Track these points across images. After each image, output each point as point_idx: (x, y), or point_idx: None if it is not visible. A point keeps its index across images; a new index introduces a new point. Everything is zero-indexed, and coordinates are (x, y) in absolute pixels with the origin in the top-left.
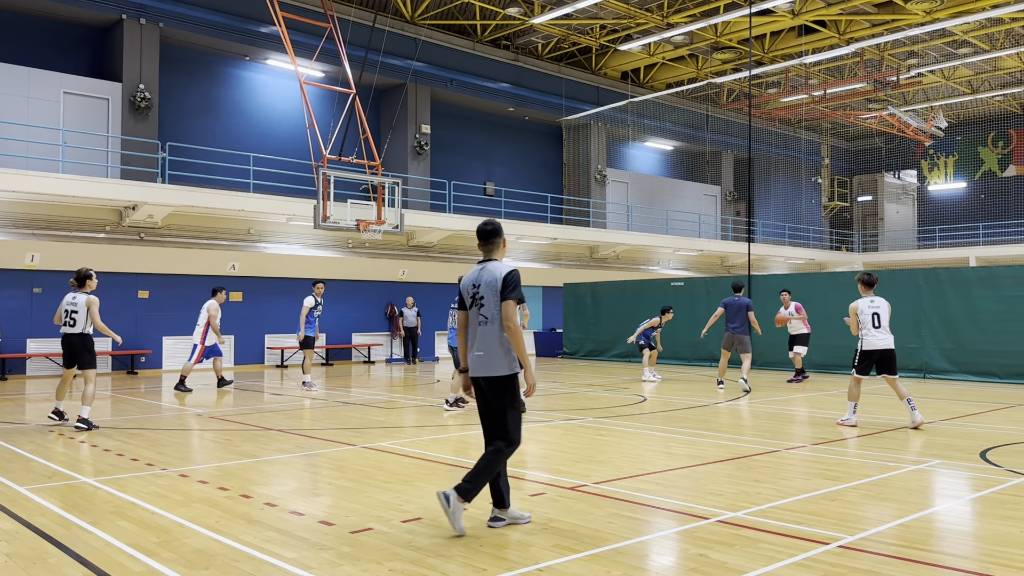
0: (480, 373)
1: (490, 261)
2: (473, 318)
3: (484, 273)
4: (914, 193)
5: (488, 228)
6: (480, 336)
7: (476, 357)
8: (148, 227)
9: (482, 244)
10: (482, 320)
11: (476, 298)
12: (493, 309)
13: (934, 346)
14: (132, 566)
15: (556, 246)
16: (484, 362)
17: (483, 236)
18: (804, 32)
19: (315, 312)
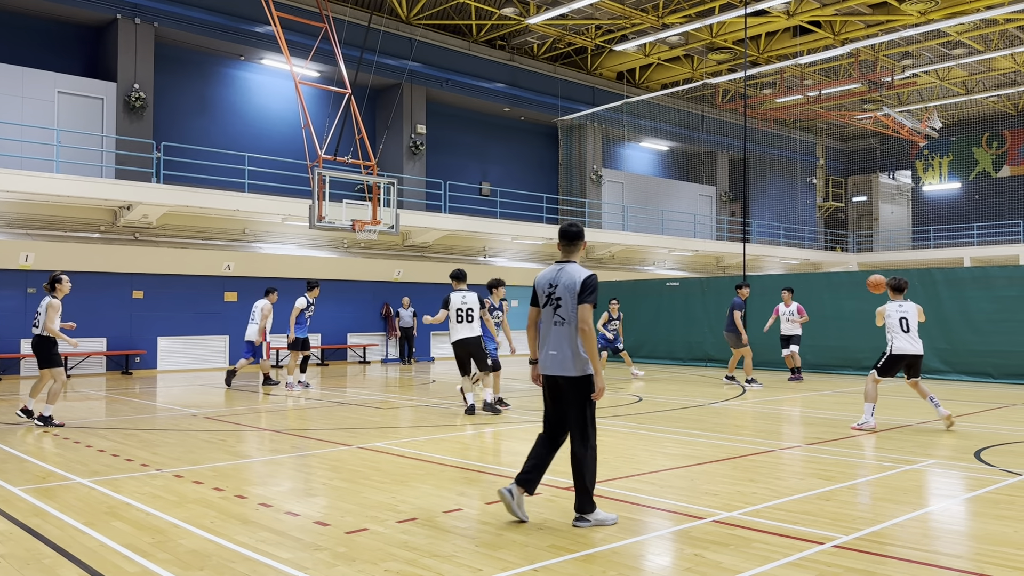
0: (553, 372)
1: (569, 263)
2: (547, 317)
3: (562, 274)
4: (909, 193)
5: (573, 230)
6: (554, 336)
7: (549, 356)
8: (143, 227)
9: (564, 245)
10: (558, 321)
11: (552, 298)
12: (570, 311)
13: (928, 346)
14: (127, 567)
15: (551, 246)
16: (557, 362)
17: (567, 237)
18: (799, 33)
19: (306, 313)
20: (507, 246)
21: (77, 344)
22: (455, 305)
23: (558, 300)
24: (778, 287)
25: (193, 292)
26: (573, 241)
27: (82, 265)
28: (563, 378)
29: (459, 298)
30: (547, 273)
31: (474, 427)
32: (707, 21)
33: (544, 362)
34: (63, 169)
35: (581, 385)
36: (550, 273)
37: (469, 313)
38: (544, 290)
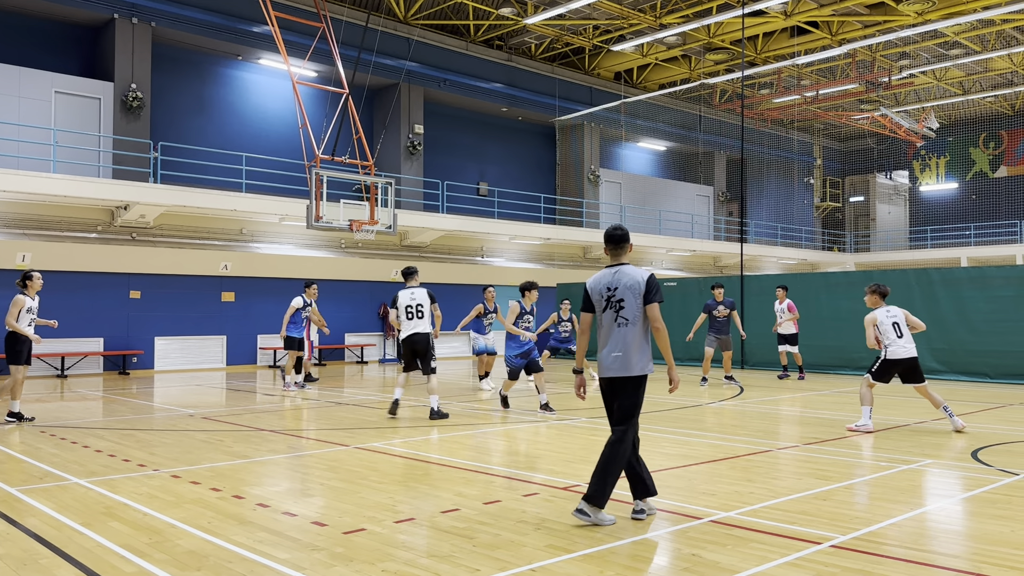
0: (618, 373)
1: (625, 265)
2: (608, 320)
3: (622, 276)
4: (906, 194)
5: (619, 233)
6: (618, 337)
7: (613, 358)
8: (140, 227)
9: (612, 248)
10: (622, 322)
11: (612, 300)
12: (635, 311)
13: (925, 346)
14: (124, 567)
15: (549, 246)
16: (623, 362)
17: (614, 240)
18: (796, 33)
19: (303, 313)
20: (505, 246)
21: (40, 340)
22: (403, 302)
23: (620, 302)
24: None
25: (190, 292)
26: (620, 244)
27: (79, 265)
28: (627, 378)
29: (408, 295)
30: (602, 277)
31: (471, 428)
32: (704, 21)
33: (607, 364)
34: (60, 169)
35: (639, 383)
36: (605, 277)
37: (419, 309)
38: (602, 294)
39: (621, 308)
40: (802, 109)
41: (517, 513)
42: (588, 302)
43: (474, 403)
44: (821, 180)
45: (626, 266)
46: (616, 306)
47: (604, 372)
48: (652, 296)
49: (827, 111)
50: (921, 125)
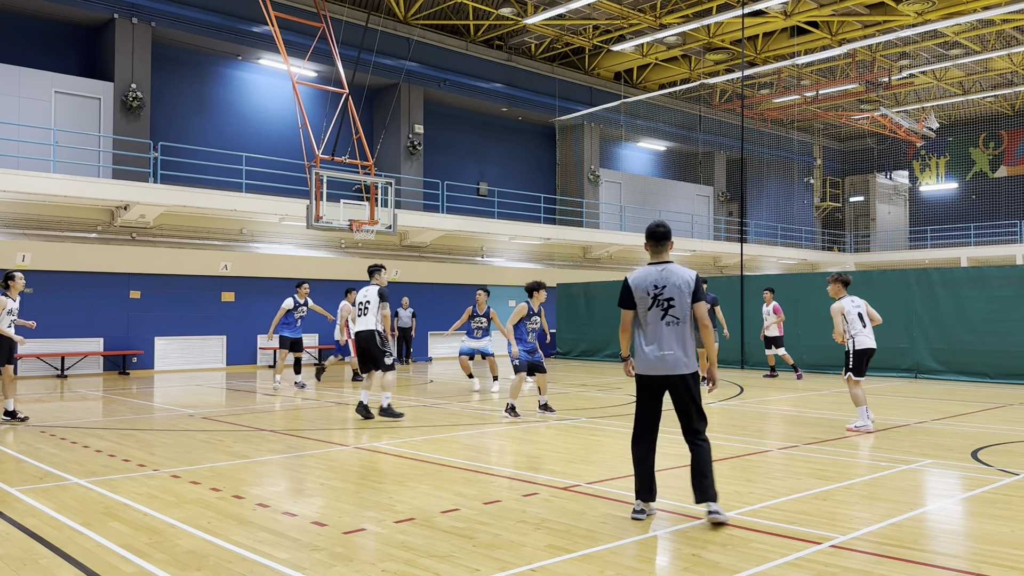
0: (667, 372)
1: (671, 263)
2: (654, 318)
3: (669, 275)
4: (906, 194)
5: (662, 230)
6: (668, 336)
7: (663, 357)
8: (140, 227)
9: (656, 245)
10: (671, 321)
11: (659, 299)
12: (685, 310)
13: (925, 346)
14: (124, 567)
15: (549, 246)
16: (673, 361)
17: (658, 238)
18: (796, 33)
19: (295, 314)
20: (505, 246)
21: (24, 341)
22: (357, 299)
23: (669, 300)
24: (776, 287)
25: (190, 292)
26: (662, 241)
27: (79, 265)
28: (677, 376)
29: (361, 293)
30: (647, 274)
31: (470, 428)
32: (704, 21)
33: (655, 363)
34: (60, 169)
35: (695, 380)
36: (652, 274)
37: (364, 307)
38: (648, 291)
39: (671, 307)
40: (802, 109)
41: (517, 513)
42: (629, 299)
43: (474, 403)
44: (821, 180)
45: (672, 264)
46: (664, 304)
47: (649, 370)
48: (700, 295)
49: (827, 111)
50: (921, 125)
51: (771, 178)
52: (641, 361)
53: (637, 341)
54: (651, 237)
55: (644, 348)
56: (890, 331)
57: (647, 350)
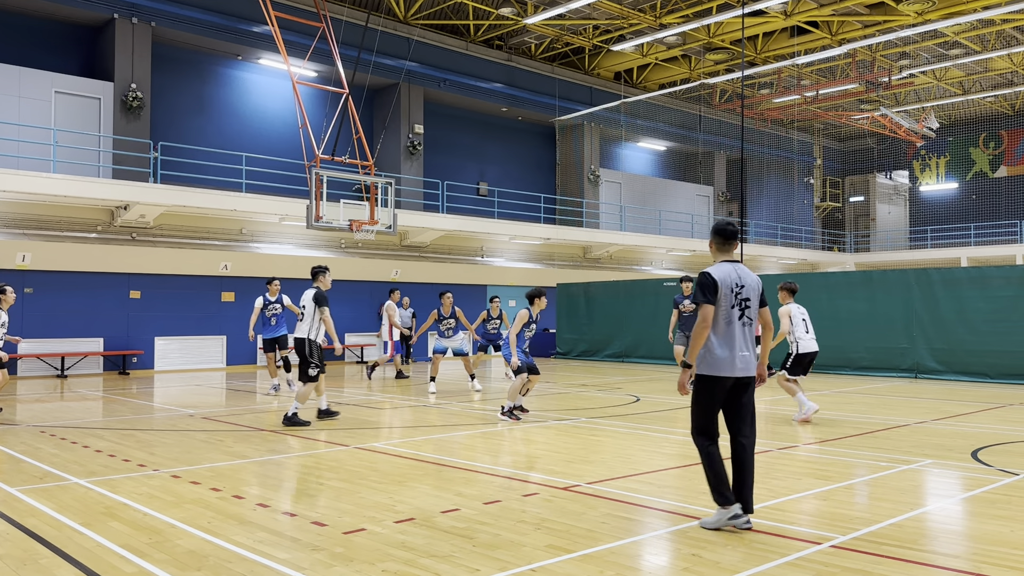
0: (748, 372)
1: (739, 263)
2: (732, 317)
3: (745, 276)
4: (906, 194)
5: (732, 228)
6: (744, 337)
7: (742, 357)
8: (140, 227)
9: (725, 243)
10: (747, 321)
11: (739, 299)
12: (755, 311)
13: (925, 346)
14: (124, 567)
15: (549, 246)
16: (749, 362)
17: (728, 235)
18: (796, 33)
19: (267, 312)
20: (505, 246)
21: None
22: (300, 302)
23: (746, 301)
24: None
25: (190, 292)
26: (731, 240)
27: (79, 265)
28: (749, 378)
29: (303, 296)
30: (729, 272)
31: (470, 428)
32: (704, 21)
33: (735, 364)
34: (60, 169)
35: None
36: (732, 272)
37: (302, 312)
38: (732, 289)
39: (747, 307)
40: (802, 109)
41: (517, 513)
42: (715, 295)
43: (474, 403)
44: (821, 180)
45: (742, 265)
46: (743, 304)
47: (725, 371)
48: (765, 300)
49: (827, 111)
50: (921, 125)
51: (771, 178)
52: (714, 362)
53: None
54: (720, 234)
55: (717, 349)
56: (890, 331)
57: (721, 351)
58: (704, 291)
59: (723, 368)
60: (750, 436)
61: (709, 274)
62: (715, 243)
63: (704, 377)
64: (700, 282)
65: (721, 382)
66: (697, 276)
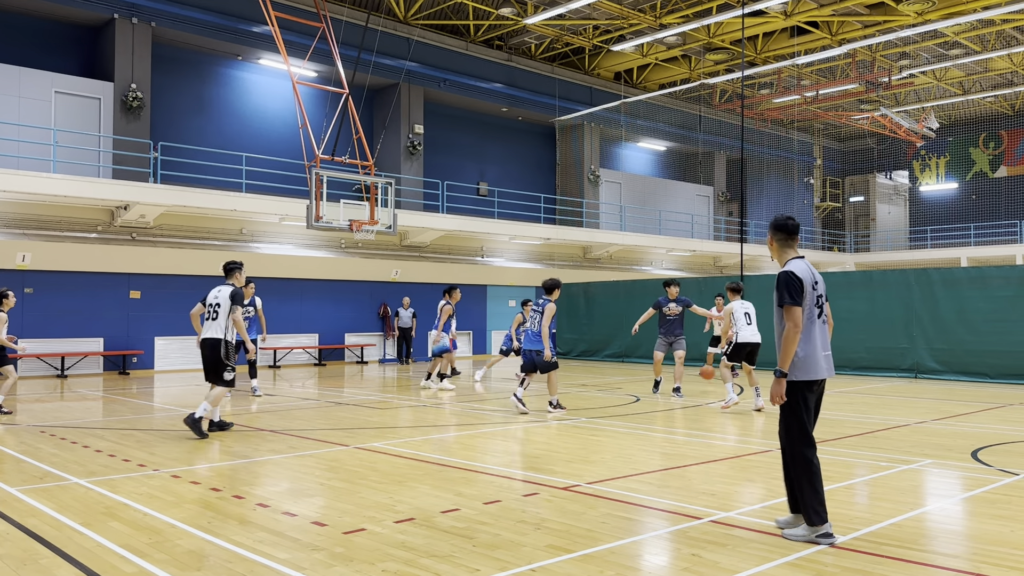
0: (830, 373)
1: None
2: (815, 317)
3: (816, 273)
4: (906, 194)
5: (795, 223)
6: (824, 336)
7: (826, 357)
8: (140, 227)
9: (789, 239)
10: (825, 319)
11: (817, 296)
12: (828, 310)
13: (925, 346)
14: (124, 567)
15: (549, 246)
16: (831, 362)
17: (794, 231)
18: (796, 33)
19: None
20: (505, 246)
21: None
22: (208, 300)
23: (821, 298)
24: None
25: (190, 292)
26: (795, 235)
27: (79, 265)
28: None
29: (213, 293)
30: (805, 269)
31: (470, 428)
32: (704, 21)
33: (824, 365)
34: (60, 169)
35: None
36: (808, 269)
37: (215, 310)
38: (813, 287)
39: (823, 304)
40: (802, 109)
41: (517, 513)
42: (802, 295)
43: (474, 403)
44: (821, 180)
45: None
46: (819, 302)
47: (820, 373)
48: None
49: (827, 111)
50: (921, 125)
51: (771, 178)
52: (805, 365)
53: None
54: (784, 230)
55: (805, 351)
56: (890, 331)
57: (810, 353)
58: (791, 292)
59: (816, 370)
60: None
61: (794, 273)
62: (777, 240)
63: (798, 383)
64: (785, 282)
65: (815, 385)
66: (779, 275)
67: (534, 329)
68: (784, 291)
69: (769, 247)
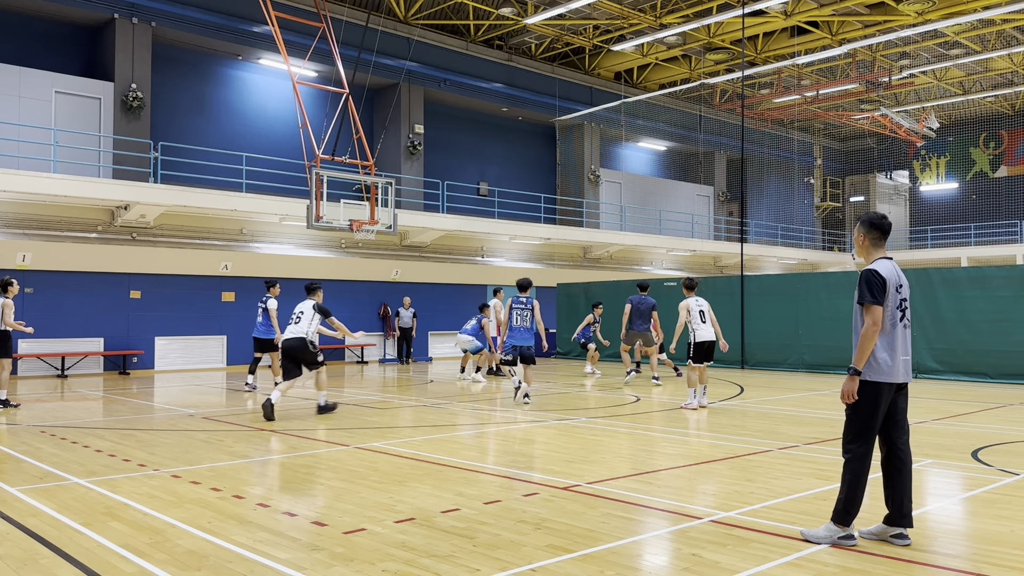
0: (907, 378)
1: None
2: (897, 320)
3: (902, 275)
4: (906, 194)
5: (888, 221)
6: (906, 340)
7: (904, 362)
8: (140, 227)
9: (881, 238)
10: (907, 323)
11: (901, 299)
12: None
13: (925, 346)
14: (124, 567)
15: (549, 246)
16: (909, 367)
17: (885, 230)
18: (797, 33)
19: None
20: (505, 246)
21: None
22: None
23: (905, 301)
24: (776, 287)
25: (191, 292)
26: (887, 235)
27: (79, 265)
28: (906, 384)
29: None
30: (891, 269)
31: (471, 428)
32: (705, 21)
33: (899, 369)
34: (60, 169)
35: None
36: (894, 271)
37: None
38: (897, 288)
39: (906, 308)
40: (802, 109)
41: (517, 513)
42: (884, 295)
43: (474, 403)
44: (821, 180)
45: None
46: (903, 305)
47: (893, 377)
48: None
49: (827, 111)
50: (921, 125)
51: (771, 178)
52: (879, 367)
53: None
54: (879, 228)
55: (881, 353)
56: None
57: (886, 356)
58: (872, 290)
59: (889, 374)
60: (907, 445)
61: (877, 272)
62: (870, 238)
63: (868, 384)
64: (867, 280)
65: (886, 389)
66: (862, 273)
67: (526, 325)
68: (865, 289)
69: (857, 244)
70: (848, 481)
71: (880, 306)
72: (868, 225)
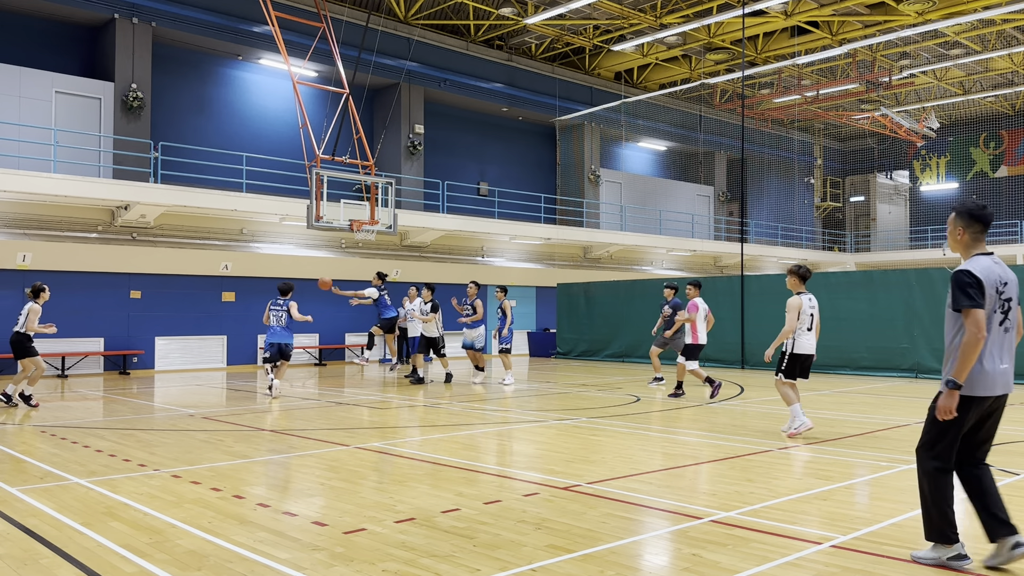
0: (1006, 390)
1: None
2: (994, 323)
3: (1007, 272)
4: (906, 193)
5: (990, 212)
6: (1006, 345)
7: (1003, 371)
8: (140, 227)
9: (984, 231)
10: (1009, 327)
11: (1002, 299)
12: (1016, 314)
13: (926, 346)
14: (124, 567)
15: (549, 246)
16: (1009, 376)
17: (985, 221)
18: (797, 33)
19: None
20: (505, 246)
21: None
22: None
23: (1008, 301)
24: (776, 287)
25: (191, 292)
26: (988, 227)
27: (79, 265)
28: (1005, 396)
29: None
30: (992, 268)
31: (471, 428)
32: (705, 21)
33: (996, 380)
34: (61, 169)
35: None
36: (994, 268)
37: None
38: (997, 288)
39: (1009, 309)
40: (802, 109)
41: (517, 513)
42: (983, 295)
43: (473, 404)
44: (821, 180)
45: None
46: (1004, 307)
47: (991, 388)
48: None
49: (827, 111)
50: (921, 125)
51: (771, 178)
52: (980, 379)
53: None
54: (979, 220)
55: (981, 362)
56: (890, 331)
57: (986, 364)
58: (968, 292)
59: (992, 385)
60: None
61: (970, 271)
62: (969, 232)
63: (969, 397)
64: (961, 282)
65: (977, 403)
66: (953, 275)
67: (282, 325)
68: (959, 292)
69: (953, 238)
70: (931, 499)
71: (981, 309)
72: (968, 216)
